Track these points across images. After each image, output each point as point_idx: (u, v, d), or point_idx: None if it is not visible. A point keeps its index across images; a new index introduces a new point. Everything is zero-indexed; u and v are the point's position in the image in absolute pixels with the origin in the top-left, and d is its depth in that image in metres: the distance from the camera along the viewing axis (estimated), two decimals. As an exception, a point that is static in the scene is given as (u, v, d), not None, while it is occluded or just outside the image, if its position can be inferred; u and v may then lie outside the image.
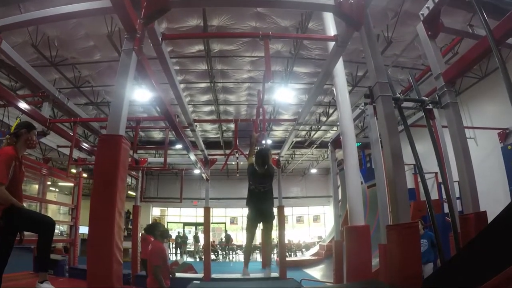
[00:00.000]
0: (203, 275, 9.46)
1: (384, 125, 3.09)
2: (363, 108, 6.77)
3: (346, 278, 4.58)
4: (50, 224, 3.49)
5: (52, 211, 18.16)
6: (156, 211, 25.30)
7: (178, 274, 10.28)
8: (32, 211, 4.15)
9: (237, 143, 6.97)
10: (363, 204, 13.55)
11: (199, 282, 8.15)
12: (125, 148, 3.09)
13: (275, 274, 9.71)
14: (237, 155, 7.56)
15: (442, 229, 6.70)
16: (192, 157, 7.38)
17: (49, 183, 18.72)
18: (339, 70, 4.91)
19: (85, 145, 8.15)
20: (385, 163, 3.15)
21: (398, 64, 10.23)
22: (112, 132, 3.14)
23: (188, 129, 7.11)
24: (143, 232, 7.46)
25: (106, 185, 2.91)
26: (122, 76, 3.42)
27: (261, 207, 4.68)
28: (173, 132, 6.37)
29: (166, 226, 24.38)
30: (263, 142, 6.63)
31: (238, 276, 10.13)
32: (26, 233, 3.64)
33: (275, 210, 9.61)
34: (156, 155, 18.30)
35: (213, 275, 9.57)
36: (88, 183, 20.57)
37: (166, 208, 25.38)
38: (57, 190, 20.97)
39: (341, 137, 4.82)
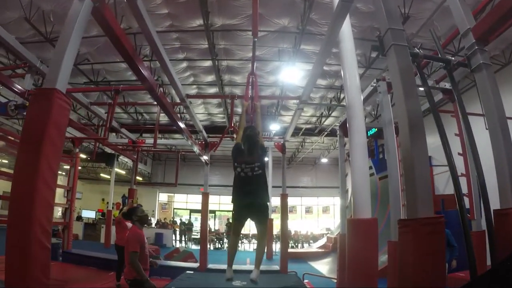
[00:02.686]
0: (198, 264, 8.89)
1: (398, 82, 2.31)
2: (375, 85, 5.98)
3: (347, 276, 3.86)
4: None
5: (58, 194, 17.96)
6: (163, 197, 24.95)
7: (175, 263, 9.82)
8: None
9: (233, 123, 6.27)
10: (373, 197, 12.85)
11: (192, 272, 7.63)
12: (61, 105, 2.41)
13: (275, 267, 9.10)
14: (234, 135, 6.84)
15: (459, 228, 5.94)
16: (185, 136, 6.71)
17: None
18: (346, 33, 4.13)
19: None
20: (400, 133, 2.36)
21: (415, 45, 9.26)
22: (48, 85, 2.48)
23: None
24: (118, 215, 6.89)
25: (30, 149, 2.26)
26: (70, 23, 2.78)
27: (250, 198, 3.49)
28: (160, 106, 5.67)
29: (172, 212, 24.18)
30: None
31: (237, 267, 9.62)
32: None
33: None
34: (163, 138, 17.72)
35: (211, 265, 9.02)
36: (93, 166, 20.39)
37: (173, 194, 24.94)
38: (63, 173, 20.70)
39: (346, 112, 4.05)
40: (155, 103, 10.41)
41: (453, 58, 3.24)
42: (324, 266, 12.33)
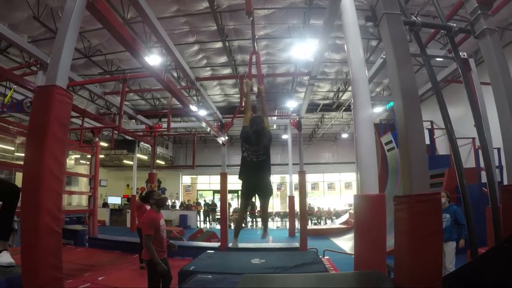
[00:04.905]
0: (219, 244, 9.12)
1: (391, 52, 2.25)
2: (384, 57, 5.82)
3: (356, 253, 3.84)
4: (16, 192, 3.14)
5: (84, 184, 18.63)
6: (186, 179, 25.51)
7: (196, 243, 10.09)
8: None
9: (243, 103, 6.27)
10: (394, 171, 12.53)
11: (213, 251, 7.84)
12: (61, 100, 2.52)
13: (296, 245, 9.22)
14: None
15: (478, 202, 5.65)
16: (199, 119, 6.79)
17: (77, 156, 19.02)
18: (348, 4, 3.97)
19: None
20: (395, 106, 2.32)
21: (429, 14, 8.70)
22: (49, 82, 2.58)
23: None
24: (138, 199, 7.12)
25: (35, 144, 2.40)
26: (65, 20, 2.85)
27: (254, 180, 4.08)
28: (168, 91, 5.74)
29: (196, 194, 24.72)
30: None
31: (257, 245, 9.80)
32: None
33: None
34: (182, 122, 17.97)
35: (231, 244, 9.22)
36: (115, 153, 20.98)
37: (196, 176, 25.44)
38: (87, 163, 21.39)
39: (351, 86, 3.97)
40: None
41: (454, 25, 3.09)
42: (345, 242, 12.37)
